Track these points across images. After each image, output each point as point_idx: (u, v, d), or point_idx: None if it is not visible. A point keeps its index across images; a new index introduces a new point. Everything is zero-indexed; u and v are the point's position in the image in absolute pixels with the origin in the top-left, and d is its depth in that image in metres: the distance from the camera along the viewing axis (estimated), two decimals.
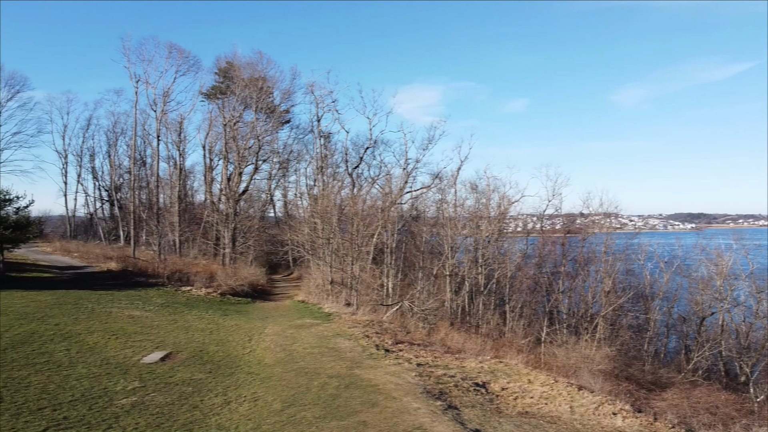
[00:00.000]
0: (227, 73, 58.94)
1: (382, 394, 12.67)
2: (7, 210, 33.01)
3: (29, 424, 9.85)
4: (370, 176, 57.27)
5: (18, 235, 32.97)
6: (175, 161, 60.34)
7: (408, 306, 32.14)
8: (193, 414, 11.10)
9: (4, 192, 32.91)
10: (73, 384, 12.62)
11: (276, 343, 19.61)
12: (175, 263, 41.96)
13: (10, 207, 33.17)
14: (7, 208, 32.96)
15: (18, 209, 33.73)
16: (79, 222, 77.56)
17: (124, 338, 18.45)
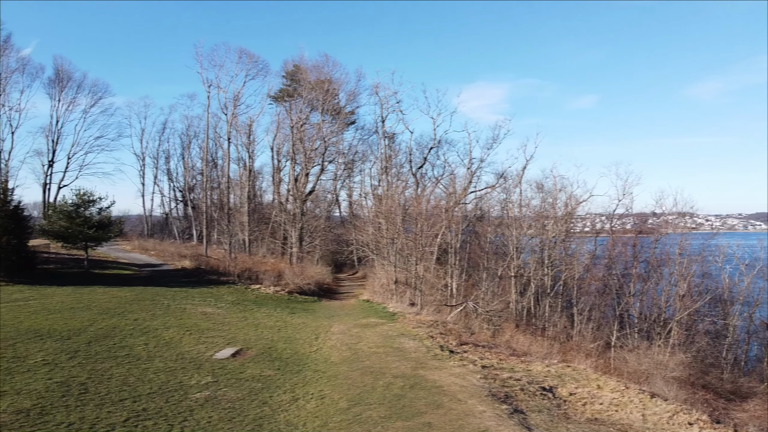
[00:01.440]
0: (294, 76, 60.24)
1: (446, 396, 12.69)
2: (91, 210, 35.04)
3: (111, 414, 10.47)
4: (434, 176, 57.23)
5: (101, 234, 34.94)
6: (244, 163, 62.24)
7: (472, 307, 31.90)
8: (262, 410, 11.48)
9: (88, 194, 34.96)
10: (151, 377, 13.30)
11: (342, 341, 19.95)
12: (245, 262, 43.26)
13: (93, 208, 35.21)
14: (91, 209, 35.01)
15: (100, 210, 35.75)
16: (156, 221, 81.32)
17: (198, 334, 19.25)
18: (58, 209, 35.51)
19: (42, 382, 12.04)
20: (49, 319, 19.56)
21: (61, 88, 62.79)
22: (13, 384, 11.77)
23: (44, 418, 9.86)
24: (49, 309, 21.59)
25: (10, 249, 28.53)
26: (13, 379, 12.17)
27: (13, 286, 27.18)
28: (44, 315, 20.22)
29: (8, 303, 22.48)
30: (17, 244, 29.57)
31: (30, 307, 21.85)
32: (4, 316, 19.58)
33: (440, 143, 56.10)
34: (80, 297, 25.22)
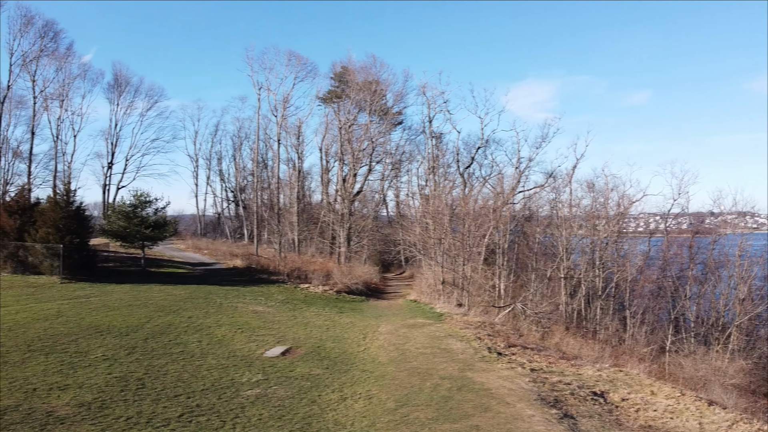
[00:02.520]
0: (342, 78, 60.78)
1: (495, 399, 12.59)
2: (148, 211, 36.34)
3: (167, 409, 10.83)
4: (482, 176, 56.76)
5: (156, 233, 36.18)
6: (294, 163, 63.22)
7: (521, 308, 31.50)
8: (311, 408, 11.66)
9: (144, 195, 36.26)
10: (204, 374, 13.69)
11: (389, 341, 20.03)
12: (294, 261, 43.94)
13: (150, 208, 36.51)
14: (147, 209, 36.31)
15: (156, 210, 37.03)
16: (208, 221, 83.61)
17: (249, 332, 19.69)
18: (117, 210, 36.96)
19: (102, 377, 12.57)
20: (108, 315, 20.38)
21: (119, 93, 65.38)
22: (76, 378, 12.33)
23: (104, 412, 10.29)
24: (109, 306, 22.50)
25: (72, 248, 29.83)
26: (75, 373, 12.75)
27: (76, 284, 28.42)
28: (104, 312, 21.09)
29: (71, 300, 23.54)
30: (79, 243, 30.89)
31: (91, 303, 22.82)
32: (67, 312, 20.52)
33: (488, 142, 55.63)
34: (138, 294, 26.18)
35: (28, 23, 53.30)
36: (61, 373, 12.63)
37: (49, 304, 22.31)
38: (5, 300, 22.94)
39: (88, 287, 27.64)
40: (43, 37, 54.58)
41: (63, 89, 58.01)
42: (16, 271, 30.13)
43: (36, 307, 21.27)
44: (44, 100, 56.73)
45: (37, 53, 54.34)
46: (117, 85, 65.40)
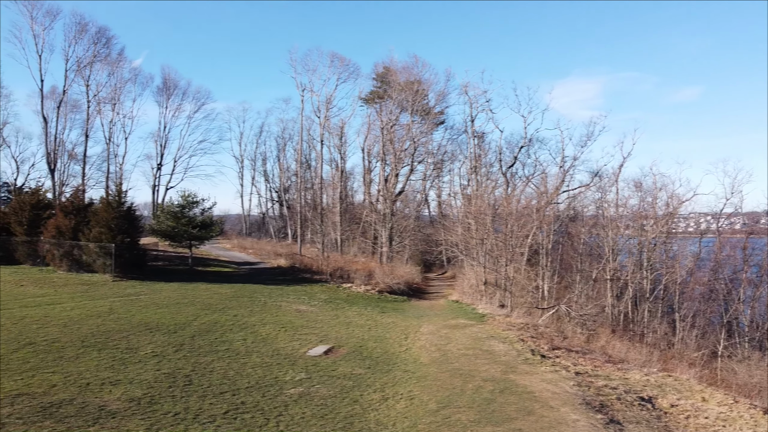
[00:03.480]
0: (384, 78, 60.97)
1: (538, 402, 12.42)
2: (195, 211, 37.29)
3: (213, 405, 11.08)
4: (525, 175, 56.03)
5: (203, 233, 37.07)
6: (336, 164, 63.85)
7: (565, 310, 30.95)
8: (353, 408, 11.74)
9: (192, 195, 37.21)
10: (249, 372, 13.94)
11: (431, 342, 19.99)
12: (337, 261, 44.31)
13: (197, 208, 37.45)
14: (194, 210, 37.26)
15: (203, 210, 37.97)
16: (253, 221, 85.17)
17: (292, 331, 19.96)
18: (166, 210, 38.02)
19: (151, 373, 12.96)
20: (157, 313, 20.99)
21: (168, 96, 67.27)
22: (127, 373, 12.75)
23: (153, 407, 10.60)
24: (158, 304, 23.18)
25: (124, 247, 30.82)
26: (126, 368, 13.18)
27: (127, 282, 29.37)
28: (153, 309, 21.73)
29: (122, 297, 24.34)
30: (130, 242, 31.90)
31: (141, 301, 23.55)
32: (118, 309, 21.23)
33: (531, 142, 54.91)
34: (185, 293, 26.88)
35: (82, 30, 55.46)
36: (113, 369, 13.08)
37: (102, 301, 23.13)
38: (61, 297, 23.90)
39: (138, 285, 28.53)
40: (96, 43, 56.72)
41: (115, 93, 60.14)
42: (71, 269, 31.33)
43: (89, 305, 22.09)
44: (97, 104, 58.97)
45: (90, 59, 56.48)
46: (166, 89, 67.40)
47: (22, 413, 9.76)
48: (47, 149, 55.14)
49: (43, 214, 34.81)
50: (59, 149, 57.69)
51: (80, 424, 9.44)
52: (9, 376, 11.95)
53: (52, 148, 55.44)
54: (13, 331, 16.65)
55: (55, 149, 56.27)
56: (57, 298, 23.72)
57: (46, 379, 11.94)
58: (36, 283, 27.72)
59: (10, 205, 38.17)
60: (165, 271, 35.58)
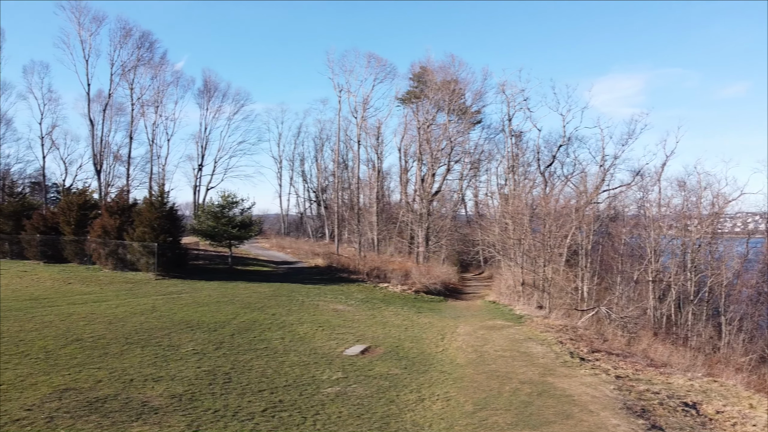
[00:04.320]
0: (421, 78, 60.86)
1: (577, 406, 12.23)
2: (234, 211, 37.97)
3: (252, 403, 11.26)
4: (564, 175, 55.16)
5: (243, 233, 37.70)
6: (373, 164, 64.02)
7: (605, 312, 30.36)
8: (389, 408, 11.76)
9: (231, 195, 37.91)
10: (286, 370, 14.12)
11: (467, 343, 19.87)
12: (374, 260, 44.47)
13: (236, 208, 38.13)
14: (234, 210, 37.94)
15: (243, 210, 38.63)
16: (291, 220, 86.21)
17: (329, 330, 20.12)
18: (206, 210, 38.81)
19: (192, 370, 13.25)
20: (198, 311, 21.45)
21: (208, 98, 68.60)
22: (168, 370, 13.07)
23: (194, 404, 10.84)
24: (199, 302, 23.68)
25: (166, 246, 31.59)
26: (168, 365, 13.51)
27: (169, 280, 30.09)
28: (194, 307, 22.21)
29: (164, 295, 24.95)
30: (172, 241, 32.70)
31: (182, 299, 24.10)
32: (161, 307, 21.77)
33: (570, 140, 54.00)
34: (225, 291, 27.39)
35: (126, 35, 57.05)
36: (155, 366, 13.43)
37: (145, 299, 23.76)
38: (106, 295, 24.65)
39: (179, 284, 29.20)
40: (140, 48, 58.26)
41: (158, 96, 61.61)
42: (116, 268, 32.29)
43: (133, 302, 22.72)
44: (141, 107, 60.50)
45: (134, 63, 58.06)
46: (206, 91, 68.73)
47: (70, 407, 10.11)
48: (94, 151, 56.93)
49: (90, 214, 35.98)
50: (105, 151, 59.53)
51: (124, 419, 9.73)
52: (57, 371, 12.40)
53: (98, 150, 57.20)
54: (61, 327, 17.27)
55: (101, 151, 58.04)
56: (102, 295, 24.49)
57: (92, 374, 12.34)
58: (83, 281, 28.65)
59: (59, 206, 39.57)
60: (205, 270, 36.33)
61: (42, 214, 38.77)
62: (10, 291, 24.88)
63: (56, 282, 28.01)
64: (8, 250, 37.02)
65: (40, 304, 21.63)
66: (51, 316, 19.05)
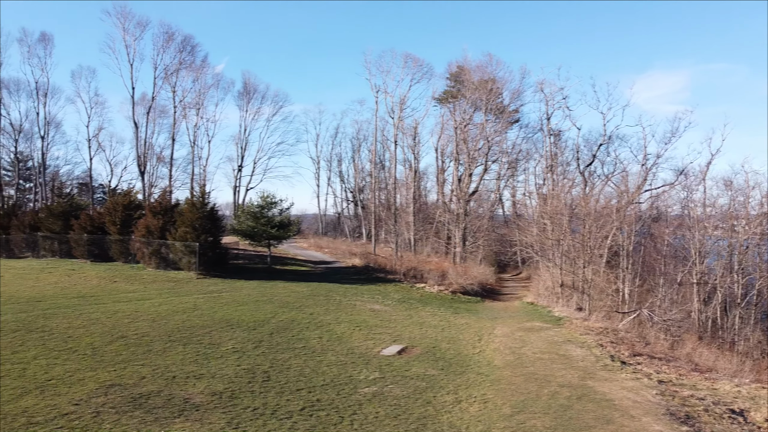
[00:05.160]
0: (458, 78, 60.58)
1: (618, 411, 12.01)
2: (273, 211, 38.52)
3: (290, 402, 11.42)
4: (604, 174, 54.03)
5: (281, 233, 38.21)
6: (410, 164, 64.05)
7: (647, 315, 29.66)
8: (426, 409, 11.77)
9: (270, 196, 38.46)
10: (324, 370, 14.26)
11: (505, 344, 19.72)
12: (410, 261, 44.46)
13: (275, 209, 38.67)
14: (273, 210, 38.48)
15: (281, 210, 39.16)
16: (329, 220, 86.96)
17: (366, 330, 20.23)
18: (246, 210, 39.50)
19: (232, 368, 13.51)
20: (238, 310, 21.84)
21: (248, 100, 69.76)
22: (209, 368, 13.36)
23: (233, 402, 11.06)
24: (239, 301, 24.10)
25: (207, 246, 32.24)
26: (209, 363, 13.81)
27: (210, 279, 30.70)
28: (234, 306, 22.62)
29: (205, 294, 25.48)
30: (213, 241, 33.35)
31: (222, 298, 24.57)
32: (202, 306, 22.24)
33: (611, 139, 52.87)
34: (264, 291, 27.80)
35: (169, 39, 58.49)
36: (197, 363, 13.74)
37: (187, 297, 24.31)
38: (150, 293, 25.32)
39: (220, 283, 29.77)
40: (182, 51, 59.65)
41: (199, 98, 62.97)
42: (159, 267, 33.11)
43: (175, 301, 23.28)
44: (183, 109, 61.97)
45: (176, 66, 59.49)
46: (246, 93, 69.89)
47: (115, 403, 10.45)
48: (138, 153, 58.51)
49: (134, 214, 37.00)
50: (149, 152, 61.22)
51: (167, 415, 10.00)
52: (103, 367, 12.81)
53: (142, 152, 58.79)
54: (107, 324, 17.82)
55: (145, 153, 59.65)
56: (146, 294, 25.16)
57: (137, 371, 12.71)
58: (127, 279, 29.49)
59: (105, 206, 40.84)
60: (245, 270, 36.93)
61: (89, 214, 40.07)
62: (59, 289, 25.80)
63: (102, 280, 28.91)
64: (57, 249, 38.35)
65: (87, 301, 22.37)
66: (97, 313, 19.68)
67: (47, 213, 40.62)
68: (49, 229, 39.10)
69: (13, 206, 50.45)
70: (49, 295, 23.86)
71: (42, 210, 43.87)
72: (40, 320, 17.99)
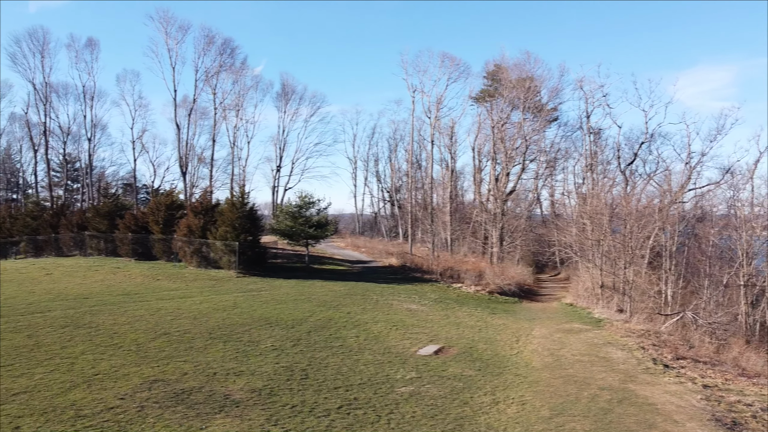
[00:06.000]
0: (495, 76, 60.06)
1: (660, 416, 11.75)
2: (311, 211, 38.92)
3: (327, 400, 11.54)
4: (646, 173, 52.75)
5: (319, 232, 38.57)
6: (446, 163, 63.87)
7: (691, 317, 28.87)
8: (463, 410, 11.74)
9: (308, 196, 38.87)
10: (361, 368, 14.36)
11: (543, 346, 19.49)
12: (447, 260, 44.30)
13: (313, 208, 39.06)
14: (311, 210, 38.88)
15: (319, 210, 39.55)
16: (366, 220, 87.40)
17: (403, 330, 20.26)
18: (284, 210, 40.00)
19: (271, 366, 13.73)
20: (276, 308, 22.15)
21: (286, 101, 70.63)
22: (249, 365, 13.60)
23: (272, 399, 11.24)
24: (277, 299, 24.44)
25: (246, 245, 32.77)
26: (248, 360, 14.06)
27: (249, 278, 31.19)
28: (273, 305, 22.94)
29: (245, 293, 25.90)
30: (252, 241, 33.87)
31: (262, 297, 24.95)
32: (241, 304, 22.63)
33: (653, 137, 51.52)
34: (302, 289, 28.11)
35: (209, 42, 59.61)
36: (236, 360, 14.01)
37: (227, 296, 24.77)
38: (191, 291, 25.89)
39: (259, 281, 30.23)
40: (222, 54, 60.70)
41: (238, 100, 63.98)
42: (200, 265, 33.81)
43: (216, 299, 23.75)
44: (223, 111, 63.05)
45: (217, 69, 60.54)
46: (284, 94, 70.79)
47: (158, 398, 10.74)
48: (179, 154, 59.83)
49: (176, 214, 37.89)
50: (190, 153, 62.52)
51: (208, 411, 10.23)
52: (147, 363, 13.18)
53: (183, 153, 60.05)
54: (150, 321, 18.32)
55: (186, 154, 60.90)
56: (188, 291, 25.74)
57: (179, 367, 13.04)
58: (170, 277, 30.21)
59: (148, 206, 41.92)
60: (283, 269, 37.40)
61: (133, 214, 41.21)
62: (105, 286, 26.61)
63: (146, 278, 29.69)
64: (103, 248, 39.54)
65: (132, 299, 23.02)
66: (141, 310, 20.24)
67: (94, 213, 41.93)
68: (96, 229, 40.34)
69: (62, 206, 52.20)
70: (96, 292, 24.64)
71: (89, 210, 45.31)
72: (87, 316, 18.62)
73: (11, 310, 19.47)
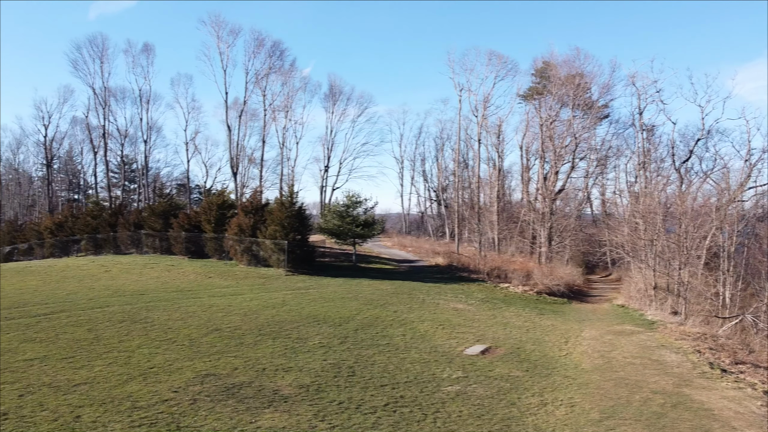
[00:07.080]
0: (544, 73, 59.10)
1: (717, 422, 11.37)
2: (358, 210, 39.24)
3: (374, 397, 11.65)
4: (702, 171, 50.85)
5: (366, 231, 38.83)
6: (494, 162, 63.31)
7: (751, 321, 27.72)
8: (510, 411, 11.64)
9: (355, 195, 39.21)
10: (407, 367, 14.41)
11: (593, 348, 19.12)
12: (494, 260, 43.85)
13: (360, 208, 39.36)
14: (358, 209, 39.19)
15: (366, 210, 39.82)
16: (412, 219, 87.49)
17: (450, 329, 20.21)
18: (332, 209, 40.43)
19: (318, 362, 13.94)
20: (324, 306, 22.44)
21: (334, 102, 71.46)
22: (297, 362, 13.85)
23: (320, 395, 11.43)
24: (325, 297, 24.76)
25: (295, 244, 33.28)
26: (296, 357, 14.31)
27: (297, 276, 31.69)
28: (321, 303, 23.26)
29: (293, 290, 26.34)
30: (301, 239, 34.37)
31: (310, 295, 25.31)
32: (290, 301, 23.03)
33: (710, 133, 49.59)
34: (349, 288, 28.38)
35: (259, 45, 60.95)
36: (285, 356, 14.28)
37: (276, 293, 25.24)
38: (242, 288, 26.49)
39: (307, 280, 30.67)
40: (271, 56, 61.99)
41: (287, 101, 65.11)
42: (250, 263, 34.55)
43: (265, 296, 24.24)
44: (272, 112, 64.32)
45: (266, 71, 61.82)
46: (332, 95, 71.65)
47: (210, 391, 11.08)
48: (231, 155, 61.39)
49: (228, 213, 38.81)
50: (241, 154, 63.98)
51: (257, 405, 10.49)
52: (200, 358, 13.59)
53: (234, 154, 61.55)
54: (203, 317, 18.86)
55: (237, 154, 62.39)
56: (238, 289, 26.35)
57: (230, 362, 13.39)
58: (221, 275, 30.98)
59: (200, 206, 43.14)
60: (331, 267, 37.82)
61: (186, 213, 42.42)
62: (160, 283, 27.52)
63: (198, 276, 30.54)
64: (158, 246, 40.85)
65: (185, 295, 23.73)
66: (194, 307, 20.85)
67: (149, 212, 43.35)
68: (151, 228, 41.69)
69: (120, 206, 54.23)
70: (151, 288, 25.52)
71: (145, 209, 46.91)
72: (143, 312, 19.32)
73: (72, 305, 20.39)
